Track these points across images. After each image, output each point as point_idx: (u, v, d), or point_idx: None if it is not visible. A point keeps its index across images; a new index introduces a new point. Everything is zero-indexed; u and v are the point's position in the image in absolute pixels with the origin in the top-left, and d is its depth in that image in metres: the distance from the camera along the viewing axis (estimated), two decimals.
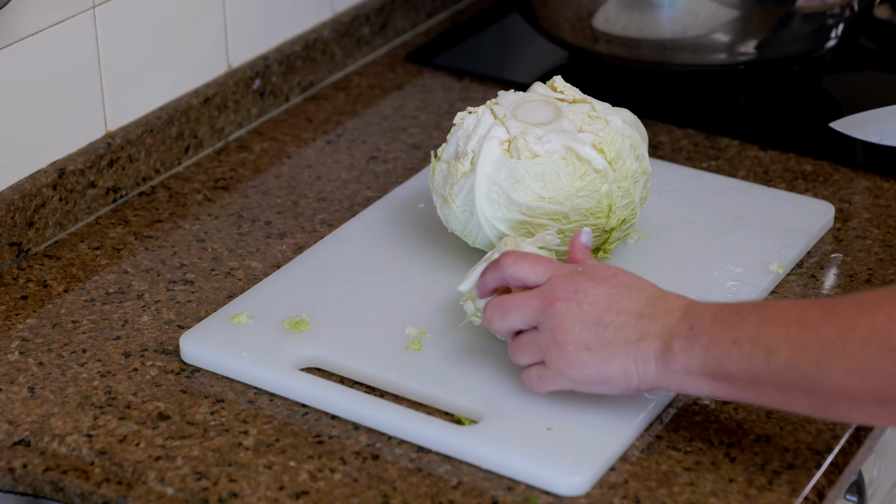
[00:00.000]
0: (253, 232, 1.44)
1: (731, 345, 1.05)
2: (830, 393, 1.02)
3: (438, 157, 1.32)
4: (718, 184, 1.47)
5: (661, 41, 1.62)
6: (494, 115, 1.30)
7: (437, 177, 1.31)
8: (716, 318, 1.08)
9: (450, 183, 1.29)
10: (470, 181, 1.27)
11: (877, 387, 0.99)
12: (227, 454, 1.15)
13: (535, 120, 1.29)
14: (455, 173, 1.28)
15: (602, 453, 1.13)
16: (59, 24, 1.40)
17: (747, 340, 1.05)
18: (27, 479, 1.15)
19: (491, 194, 1.26)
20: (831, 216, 1.43)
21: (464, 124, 1.31)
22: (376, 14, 1.78)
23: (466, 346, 1.24)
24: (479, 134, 1.29)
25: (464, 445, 1.14)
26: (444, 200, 1.30)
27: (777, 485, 1.12)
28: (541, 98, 1.32)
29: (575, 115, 1.29)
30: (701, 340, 1.07)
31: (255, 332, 1.26)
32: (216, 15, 1.58)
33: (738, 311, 1.07)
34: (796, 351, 1.02)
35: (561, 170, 1.25)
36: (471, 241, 1.31)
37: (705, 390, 1.08)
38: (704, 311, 1.09)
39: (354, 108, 1.68)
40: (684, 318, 1.09)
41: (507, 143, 1.27)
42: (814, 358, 1.02)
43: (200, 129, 1.57)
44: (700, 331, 1.07)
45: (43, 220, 1.41)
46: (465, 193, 1.28)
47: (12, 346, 1.28)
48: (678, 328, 1.09)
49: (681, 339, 1.08)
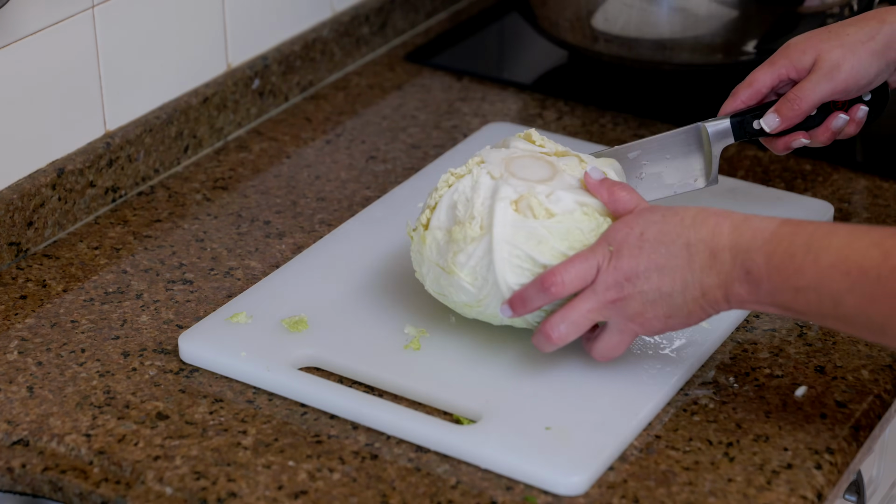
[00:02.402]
0: (252, 232, 1.44)
1: (796, 293, 1.08)
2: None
3: (426, 226, 1.22)
4: (718, 184, 1.47)
5: (661, 41, 1.62)
6: (491, 175, 1.21)
7: (429, 247, 1.21)
8: (770, 261, 1.09)
9: (452, 251, 1.19)
10: (482, 247, 1.17)
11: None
12: (226, 454, 1.15)
13: (535, 177, 1.22)
14: (460, 240, 1.18)
15: (600, 453, 1.12)
16: (59, 23, 1.40)
17: (812, 289, 1.07)
18: (26, 478, 1.15)
19: (512, 259, 1.17)
20: (830, 216, 1.43)
21: (457, 188, 1.21)
22: (376, 14, 1.78)
23: (466, 346, 1.23)
24: (483, 195, 1.19)
25: (462, 445, 1.14)
26: (445, 271, 1.20)
27: (776, 484, 1.11)
28: (528, 154, 1.24)
29: (570, 168, 1.23)
30: (763, 287, 1.09)
31: (254, 331, 1.26)
32: (215, 15, 1.58)
33: (791, 253, 1.08)
34: (864, 302, 1.05)
35: (584, 226, 1.18)
36: (477, 312, 1.21)
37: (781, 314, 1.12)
38: (754, 251, 1.10)
39: (354, 107, 1.68)
40: (735, 261, 1.10)
41: (515, 203, 1.19)
42: (882, 308, 1.04)
43: (200, 129, 1.57)
44: (759, 276, 1.09)
45: (42, 220, 1.41)
46: (475, 261, 1.18)
47: (11, 345, 1.28)
48: (734, 273, 1.11)
49: (744, 283, 1.10)
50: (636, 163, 1.33)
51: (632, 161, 1.33)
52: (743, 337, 1.28)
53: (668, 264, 1.12)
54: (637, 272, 1.13)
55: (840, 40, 1.30)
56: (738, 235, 1.11)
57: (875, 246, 1.04)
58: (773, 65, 1.32)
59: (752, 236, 1.10)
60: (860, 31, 1.30)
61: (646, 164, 1.33)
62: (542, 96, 1.69)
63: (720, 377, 1.23)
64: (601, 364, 1.21)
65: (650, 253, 1.13)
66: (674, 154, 1.33)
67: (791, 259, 1.08)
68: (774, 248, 1.09)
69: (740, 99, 1.33)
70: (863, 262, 1.04)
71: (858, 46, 1.30)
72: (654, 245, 1.13)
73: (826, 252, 1.06)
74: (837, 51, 1.29)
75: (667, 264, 1.12)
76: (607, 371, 1.21)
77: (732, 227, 1.11)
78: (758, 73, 1.33)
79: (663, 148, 1.33)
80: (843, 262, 1.05)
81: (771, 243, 1.09)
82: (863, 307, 1.05)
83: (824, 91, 1.30)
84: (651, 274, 1.13)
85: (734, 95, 1.33)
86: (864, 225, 1.08)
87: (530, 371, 1.21)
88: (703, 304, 1.13)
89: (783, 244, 1.09)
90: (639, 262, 1.13)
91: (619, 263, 1.13)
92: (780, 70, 1.32)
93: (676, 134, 1.33)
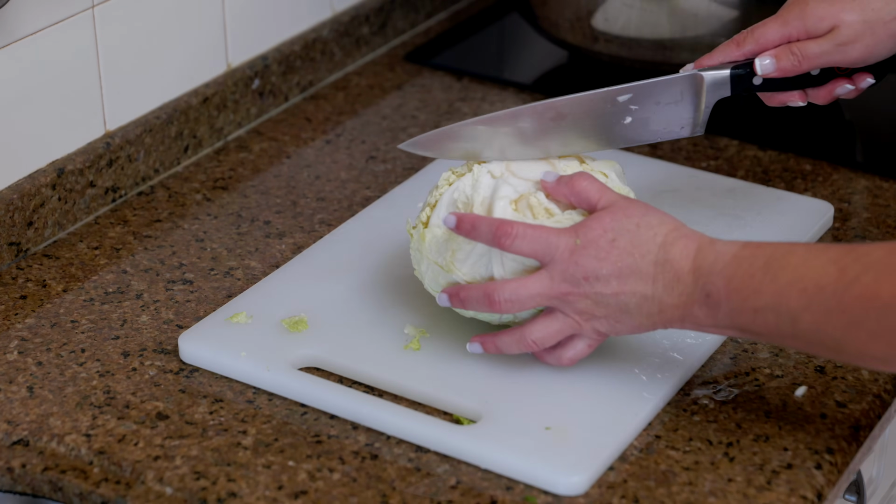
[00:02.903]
0: (252, 232, 1.44)
1: (755, 314, 1.08)
2: (857, 354, 1.04)
3: (426, 223, 1.22)
4: (717, 184, 1.47)
5: (661, 41, 1.62)
6: (492, 174, 1.21)
7: (429, 245, 1.21)
8: (729, 284, 1.09)
9: (451, 250, 1.19)
10: (481, 245, 1.18)
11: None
12: (226, 454, 1.15)
13: (535, 176, 1.21)
14: (460, 238, 1.19)
15: (600, 453, 1.12)
16: (58, 23, 1.40)
17: (770, 308, 1.07)
18: (26, 478, 1.15)
19: (505, 261, 1.17)
20: (830, 216, 1.43)
21: (458, 186, 1.21)
22: (376, 14, 1.78)
23: (465, 346, 1.23)
24: (483, 195, 1.20)
25: (462, 445, 1.14)
26: (444, 269, 1.20)
27: (776, 484, 1.11)
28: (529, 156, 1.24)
29: (570, 168, 1.23)
30: (722, 309, 1.09)
31: (254, 331, 1.26)
32: (215, 14, 1.58)
33: (750, 274, 1.08)
34: (820, 318, 1.04)
35: None
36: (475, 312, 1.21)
37: (738, 336, 1.13)
38: (715, 274, 1.10)
39: (354, 107, 1.68)
40: (696, 283, 1.10)
41: (515, 202, 1.19)
42: (839, 324, 1.03)
43: (199, 129, 1.57)
44: (718, 299, 1.09)
45: (42, 220, 1.41)
46: (474, 260, 1.18)
47: (11, 345, 1.28)
48: (695, 296, 1.11)
49: (703, 307, 1.10)
50: (624, 106, 1.27)
51: (621, 104, 1.27)
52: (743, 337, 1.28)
53: (632, 275, 1.12)
54: (598, 275, 1.13)
55: (863, 13, 1.24)
56: (701, 259, 1.11)
57: (832, 263, 1.04)
58: (785, 24, 1.26)
59: (713, 259, 1.10)
60: (887, 5, 1.24)
61: (635, 109, 1.27)
62: (542, 96, 1.69)
63: (720, 377, 1.23)
64: (601, 364, 1.21)
65: (617, 260, 1.13)
66: (665, 100, 1.27)
67: (750, 280, 1.08)
68: (734, 271, 1.09)
69: (742, 52, 1.27)
70: (819, 280, 1.04)
71: (880, 26, 1.24)
72: (622, 254, 1.13)
73: (784, 271, 1.07)
74: (858, 26, 1.24)
75: (631, 275, 1.12)
76: (607, 371, 1.21)
77: (697, 251, 1.12)
78: (767, 30, 1.26)
79: (655, 93, 1.27)
80: (800, 279, 1.05)
81: (731, 266, 1.09)
82: (819, 324, 1.04)
83: (832, 60, 1.25)
84: (611, 280, 1.13)
85: (738, 45, 1.27)
86: (823, 244, 1.08)
87: (530, 371, 1.21)
88: (657, 320, 1.13)
89: (743, 266, 1.09)
90: (602, 265, 1.13)
91: (582, 261, 1.13)
92: (791, 31, 1.26)
93: (671, 81, 1.27)
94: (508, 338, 1.18)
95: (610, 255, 1.13)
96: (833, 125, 1.65)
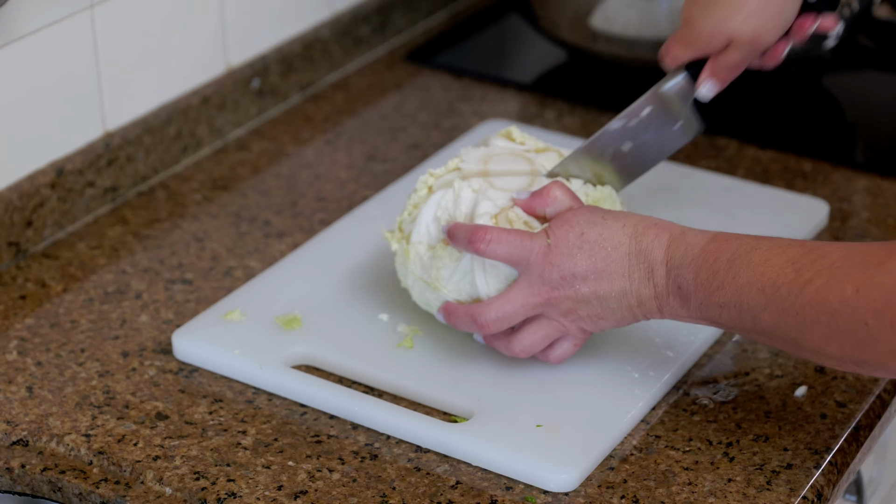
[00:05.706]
0: (251, 231, 1.44)
1: (720, 309, 1.09)
2: (815, 352, 1.05)
3: (405, 235, 1.22)
4: (713, 182, 1.47)
5: (661, 41, 1.61)
6: (472, 189, 1.20)
7: (413, 262, 1.21)
8: (696, 277, 1.10)
9: (436, 267, 1.19)
10: (464, 264, 1.18)
11: (852, 352, 1.02)
12: (226, 454, 1.15)
13: (514, 185, 1.21)
14: (444, 256, 1.19)
15: (591, 450, 1.13)
16: (57, 23, 1.40)
17: (732, 305, 1.08)
18: (25, 478, 1.15)
19: (488, 278, 1.18)
20: (825, 214, 1.43)
21: (440, 202, 1.21)
22: (375, 14, 1.78)
23: (458, 344, 1.24)
24: (465, 211, 1.20)
25: (454, 442, 1.14)
26: (430, 286, 1.20)
27: (776, 484, 1.11)
28: (507, 151, 1.24)
29: (549, 163, 1.23)
30: (692, 302, 1.11)
31: (248, 329, 1.26)
32: (215, 14, 1.58)
33: (714, 270, 1.09)
34: (778, 318, 1.05)
35: None
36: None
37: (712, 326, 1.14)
38: (684, 267, 1.11)
39: (353, 107, 1.68)
40: (669, 276, 1.12)
41: (495, 217, 1.18)
42: (794, 324, 1.04)
43: (199, 129, 1.57)
44: (688, 291, 1.11)
45: (41, 220, 1.41)
46: (458, 277, 1.19)
47: (10, 345, 1.28)
48: (668, 287, 1.12)
49: (676, 298, 1.12)
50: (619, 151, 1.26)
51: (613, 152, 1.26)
52: (743, 336, 1.28)
53: (607, 270, 1.13)
54: (574, 272, 1.14)
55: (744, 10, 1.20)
56: (673, 250, 1.12)
57: (790, 264, 1.05)
58: (689, 46, 1.23)
59: (684, 251, 1.11)
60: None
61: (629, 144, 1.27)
62: (541, 96, 1.69)
63: (720, 377, 1.23)
64: (592, 362, 1.21)
65: (590, 255, 1.13)
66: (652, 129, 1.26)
67: (714, 276, 1.09)
68: (701, 265, 1.10)
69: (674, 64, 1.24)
70: (776, 280, 1.05)
71: (764, 6, 1.20)
72: (593, 248, 1.14)
73: (745, 269, 1.08)
74: (746, 26, 1.20)
75: (606, 270, 1.13)
76: (598, 369, 1.21)
77: (670, 241, 1.13)
78: (677, 52, 1.24)
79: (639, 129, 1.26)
80: (759, 279, 1.06)
81: (698, 259, 1.10)
82: (777, 323, 1.06)
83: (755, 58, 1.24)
84: (588, 276, 1.14)
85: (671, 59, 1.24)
86: (788, 239, 1.09)
87: (522, 369, 1.21)
88: (638, 312, 1.14)
89: (709, 261, 1.10)
90: (577, 262, 1.13)
91: (556, 261, 1.14)
92: (697, 53, 1.23)
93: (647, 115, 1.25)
94: (498, 343, 1.19)
95: (582, 250, 1.13)
96: (833, 125, 1.65)
